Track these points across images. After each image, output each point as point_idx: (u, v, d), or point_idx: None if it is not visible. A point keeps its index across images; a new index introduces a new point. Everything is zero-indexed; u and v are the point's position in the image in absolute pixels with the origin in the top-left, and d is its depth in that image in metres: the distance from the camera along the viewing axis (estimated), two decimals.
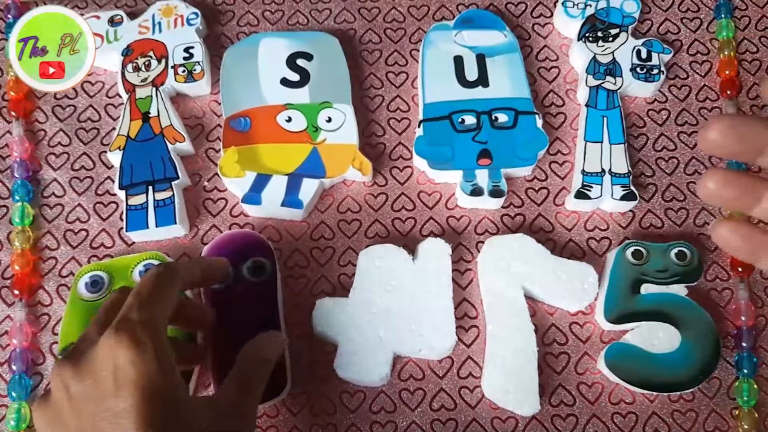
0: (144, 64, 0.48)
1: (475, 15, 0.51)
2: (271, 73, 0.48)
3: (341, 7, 0.52)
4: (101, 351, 0.31)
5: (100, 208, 0.46)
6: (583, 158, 0.46)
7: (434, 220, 0.46)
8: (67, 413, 0.31)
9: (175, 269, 0.36)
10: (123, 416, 0.29)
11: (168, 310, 0.34)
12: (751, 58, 0.50)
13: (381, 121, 0.48)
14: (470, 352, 0.43)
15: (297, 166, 0.45)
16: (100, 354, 0.31)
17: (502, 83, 0.48)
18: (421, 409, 0.41)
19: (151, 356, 0.31)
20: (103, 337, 0.31)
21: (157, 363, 0.31)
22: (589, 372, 0.42)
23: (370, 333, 0.41)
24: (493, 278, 0.43)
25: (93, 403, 0.30)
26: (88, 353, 0.32)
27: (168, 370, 0.31)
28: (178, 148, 0.46)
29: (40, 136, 0.48)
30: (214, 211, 0.46)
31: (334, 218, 0.46)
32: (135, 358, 0.30)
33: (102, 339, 0.31)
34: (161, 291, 0.34)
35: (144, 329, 0.31)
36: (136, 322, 0.31)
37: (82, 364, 0.31)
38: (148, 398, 0.30)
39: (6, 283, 0.44)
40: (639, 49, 0.49)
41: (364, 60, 0.50)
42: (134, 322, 0.31)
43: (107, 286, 0.43)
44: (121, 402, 0.30)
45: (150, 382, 0.30)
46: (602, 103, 0.48)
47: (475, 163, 0.45)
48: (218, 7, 0.52)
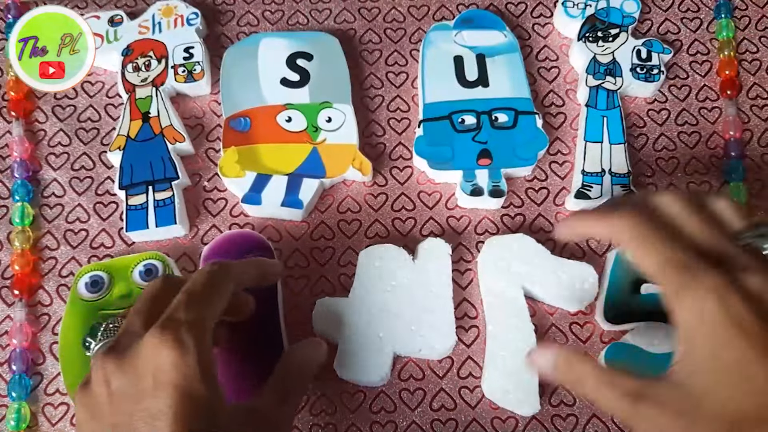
0: (144, 64, 0.48)
1: (475, 15, 0.51)
2: (271, 73, 0.48)
3: (341, 7, 0.52)
4: (144, 348, 0.31)
5: (100, 208, 0.46)
6: (583, 158, 0.46)
7: (434, 220, 0.46)
8: (105, 408, 0.31)
9: (229, 269, 0.35)
10: (159, 418, 0.29)
11: (217, 311, 0.33)
12: (751, 58, 0.50)
13: (381, 121, 0.49)
14: (470, 352, 0.43)
15: (297, 166, 0.45)
16: (143, 351, 0.31)
17: (502, 83, 0.48)
18: (421, 409, 0.41)
19: (193, 360, 0.30)
20: (148, 335, 0.31)
21: (199, 368, 0.30)
22: None
23: (370, 333, 0.41)
24: (493, 278, 0.43)
25: (132, 401, 0.30)
26: (132, 349, 0.31)
27: (208, 376, 0.31)
28: (178, 148, 0.46)
29: (40, 136, 0.48)
30: (214, 211, 0.46)
31: (334, 218, 0.46)
32: (177, 360, 0.30)
33: (147, 336, 0.31)
34: (212, 291, 0.34)
35: (190, 331, 0.31)
36: (183, 323, 0.31)
37: (125, 359, 0.31)
38: (186, 402, 0.30)
39: (6, 283, 0.44)
40: (639, 49, 0.49)
41: (364, 60, 0.50)
42: (181, 322, 0.31)
43: (107, 286, 0.43)
44: (158, 403, 0.29)
45: (189, 385, 0.30)
46: (602, 103, 0.48)
47: (475, 163, 0.45)
48: (218, 7, 0.52)
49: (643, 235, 0.33)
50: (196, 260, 0.44)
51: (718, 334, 0.30)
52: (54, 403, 0.42)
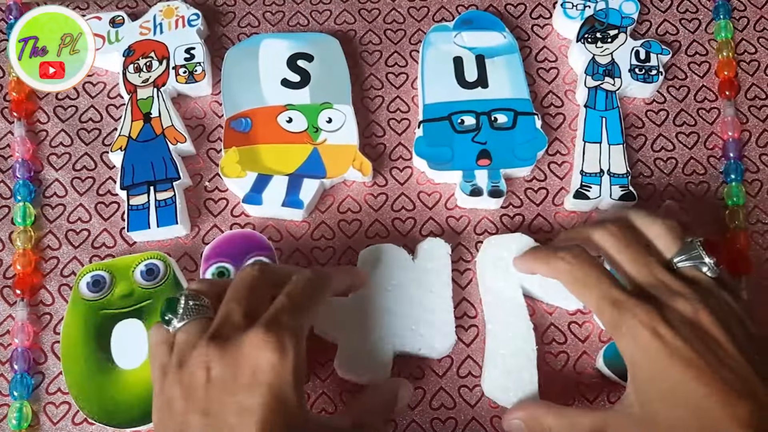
0: (145, 64, 0.48)
1: (474, 16, 0.51)
2: (272, 74, 0.48)
3: (341, 9, 0.52)
4: (248, 345, 0.32)
5: (101, 208, 0.46)
6: (582, 158, 0.46)
7: (434, 220, 0.46)
8: (200, 392, 0.31)
9: (329, 279, 0.37)
10: (250, 413, 0.30)
11: (313, 319, 0.35)
12: (750, 58, 0.50)
13: (381, 122, 0.49)
14: (470, 351, 0.43)
15: (297, 166, 0.46)
16: (246, 347, 0.32)
17: (501, 84, 0.48)
18: (420, 408, 0.42)
19: (290, 367, 0.31)
20: (252, 331, 0.32)
21: (293, 374, 0.31)
22: (587, 371, 0.43)
23: (370, 333, 0.41)
24: (492, 277, 0.43)
25: (227, 392, 0.31)
26: (234, 340, 0.32)
27: (299, 383, 0.32)
28: (180, 148, 0.46)
29: (42, 136, 0.48)
30: (215, 211, 0.46)
31: (335, 218, 0.46)
32: (276, 363, 0.31)
33: (251, 333, 0.32)
34: (313, 300, 0.35)
35: (291, 337, 0.32)
36: (286, 328, 0.32)
37: (228, 350, 0.32)
38: (276, 404, 0.31)
39: (8, 282, 0.44)
40: (638, 50, 0.49)
41: (364, 61, 0.50)
42: (284, 327, 0.32)
43: (109, 285, 0.43)
44: (252, 399, 0.31)
45: (282, 389, 0.31)
46: (601, 103, 0.48)
47: (474, 164, 0.45)
48: (219, 8, 0.52)
49: (578, 277, 0.37)
50: (197, 260, 0.45)
51: (655, 363, 0.33)
52: (56, 402, 0.42)
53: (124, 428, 0.40)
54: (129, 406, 0.40)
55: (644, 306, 0.34)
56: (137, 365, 0.41)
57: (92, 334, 0.42)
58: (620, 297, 0.35)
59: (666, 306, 0.34)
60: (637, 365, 0.34)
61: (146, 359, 0.41)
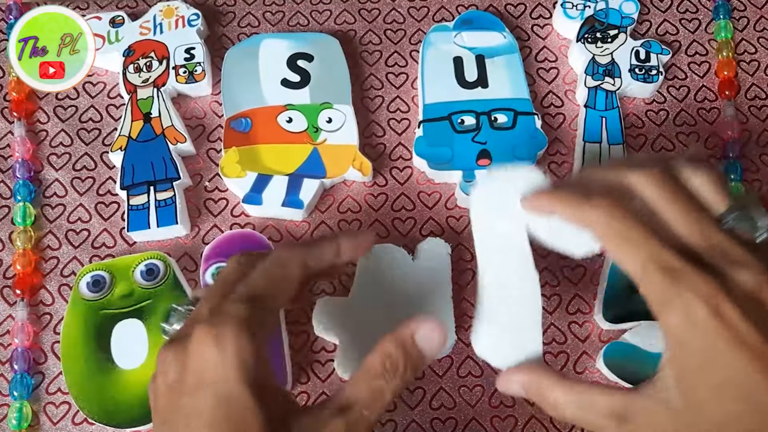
0: (145, 64, 0.48)
1: (474, 16, 0.51)
2: (272, 74, 0.48)
3: (341, 9, 0.52)
4: (192, 343, 0.28)
5: (101, 208, 0.46)
6: (582, 158, 0.46)
7: (434, 220, 0.46)
8: (162, 402, 0.29)
9: (293, 256, 0.32)
10: (195, 417, 0.27)
11: (278, 303, 0.31)
12: (750, 58, 0.50)
13: (381, 122, 0.49)
14: (470, 351, 0.43)
15: (297, 166, 0.46)
16: (190, 346, 0.28)
17: (501, 84, 0.48)
18: (420, 408, 0.42)
19: (232, 361, 0.27)
20: (197, 326, 0.28)
21: (238, 369, 0.27)
22: (588, 371, 0.43)
23: (370, 333, 0.41)
24: (492, 218, 0.35)
25: (177, 396, 0.28)
26: (184, 339, 0.29)
27: (246, 376, 0.28)
28: (180, 148, 0.46)
29: (42, 136, 0.48)
30: (215, 211, 0.46)
31: (335, 218, 0.46)
32: (216, 359, 0.27)
33: (196, 328, 0.28)
34: (272, 283, 0.31)
35: (232, 327, 0.28)
36: (230, 318, 0.28)
37: (179, 351, 0.29)
38: (223, 405, 0.27)
39: (8, 282, 0.44)
40: (638, 50, 0.49)
41: (364, 61, 0.50)
42: (228, 318, 0.28)
43: (109, 285, 0.43)
44: (197, 402, 0.28)
45: (226, 388, 0.27)
46: (601, 103, 0.48)
47: (474, 164, 0.45)
48: (219, 8, 0.52)
49: (620, 232, 0.29)
50: (197, 260, 0.45)
51: (712, 346, 0.27)
52: (56, 402, 0.42)
53: (124, 428, 0.40)
54: (129, 406, 0.40)
55: (704, 276, 0.27)
56: (137, 365, 0.41)
57: (92, 334, 0.42)
58: (674, 263, 0.28)
59: (728, 278, 0.27)
60: (687, 347, 0.28)
61: (146, 359, 0.41)
